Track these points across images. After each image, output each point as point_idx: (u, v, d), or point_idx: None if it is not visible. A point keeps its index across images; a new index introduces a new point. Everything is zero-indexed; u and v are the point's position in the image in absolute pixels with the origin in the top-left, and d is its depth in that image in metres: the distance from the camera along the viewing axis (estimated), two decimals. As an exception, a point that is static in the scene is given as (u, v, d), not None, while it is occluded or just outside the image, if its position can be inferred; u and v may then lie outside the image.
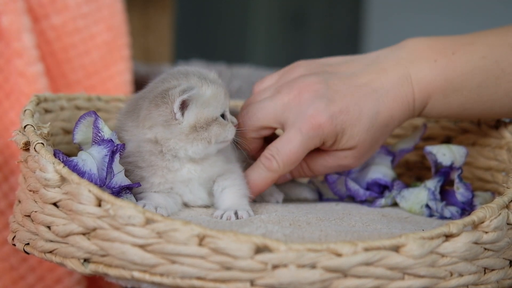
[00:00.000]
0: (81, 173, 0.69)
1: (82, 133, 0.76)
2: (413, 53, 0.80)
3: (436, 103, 0.80)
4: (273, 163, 0.78)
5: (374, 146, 0.81)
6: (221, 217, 0.72)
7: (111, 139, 0.73)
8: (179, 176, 0.75)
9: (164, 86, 0.74)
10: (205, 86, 0.74)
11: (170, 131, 0.73)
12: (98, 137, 0.74)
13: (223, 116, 0.76)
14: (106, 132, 0.74)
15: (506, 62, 0.78)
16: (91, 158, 0.71)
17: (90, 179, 0.69)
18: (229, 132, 0.76)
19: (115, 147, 0.72)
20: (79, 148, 0.77)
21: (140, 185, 0.75)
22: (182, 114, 0.73)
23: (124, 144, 0.74)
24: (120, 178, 0.72)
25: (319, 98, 0.77)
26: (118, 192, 0.72)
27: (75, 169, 0.69)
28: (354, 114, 0.77)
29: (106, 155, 0.71)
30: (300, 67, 0.82)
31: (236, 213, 0.72)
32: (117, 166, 0.72)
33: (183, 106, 0.73)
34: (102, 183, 0.70)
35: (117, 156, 0.73)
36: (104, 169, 0.71)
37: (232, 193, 0.76)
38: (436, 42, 0.81)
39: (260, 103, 0.80)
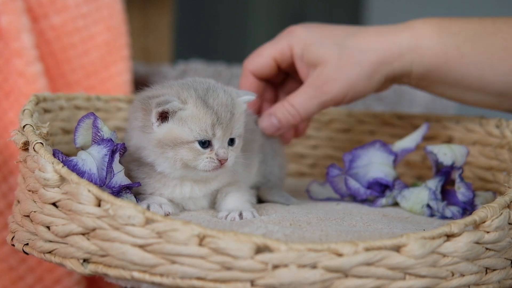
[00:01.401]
0: (80, 173, 0.69)
1: (83, 136, 0.76)
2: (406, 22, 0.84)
3: (430, 43, 0.80)
4: (244, 61, 0.87)
5: (346, 70, 0.81)
6: (226, 218, 0.72)
7: (111, 139, 0.73)
8: (177, 193, 0.74)
9: (152, 93, 0.73)
10: (188, 105, 0.70)
11: (146, 139, 0.72)
12: (98, 137, 0.74)
13: (204, 143, 0.71)
14: (106, 132, 0.74)
15: (501, 22, 0.81)
16: (91, 158, 0.71)
17: (90, 179, 0.69)
18: (202, 163, 0.70)
19: (115, 147, 0.72)
20: (77, 147, 0.77)
21: (140, 185, 0.75)
22: (158, 125, 0.71)
23: (124, 144, 0.74)
24: (120, 178, 0.72)
25: (303, 24, 0.85)
26: (118, 191, 0.72)
27: (74, 168, 0.69)
28: (328, 32, 0.83)
29: (106, 155, 0.71)
30: None
31: (240, 214, 0.71)
32: (117, 166, 0.72)
33: (162, 117, 0.70)
34: (102, 183, 0.70)
35: (117, 156, 0.72)
36: (104, 168, 0.70)
37: (235, 197, 0.75)
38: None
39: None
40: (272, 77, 0.89)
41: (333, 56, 0.81)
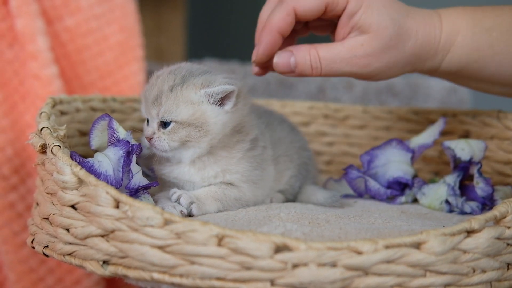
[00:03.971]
0: (97, 174, 0.69)
1: (98, 138, 0.76)
2: (440, 9, 0.81)
3: (464, 41, 0.78)
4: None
5: (390, 51, 0.77)
6: (171, 196, 0.74)
7: (127, 140, 0.73)
8: (176, 173, 0.77)
9: None
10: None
11: None
12: (114, 138, 0.74)
13: (148, 122, 0.76)
14: (121, 133, 0.74)
15: None
16: (107, 159, 0.71)
17: (106, 180, 0.69)
18: (143, 139, 0.76)
19: (131, 148, 0.72)
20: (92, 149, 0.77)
21: (158, 184, 0.75)
22: None
23: (139, 144, 0.74)
24: (138, 179, 0.72)
25: None
26: (136, 192, 0.72)
27: (91, 170, 0.69)
28: (386, 1, 0.77)
29: (122, 156, 0.71)
30: None
31: (178, 196, 0.72)
32: (135, 167, 0.72)
33: None
34: (118, 184, 0.70)
35: (133, 157, 0.72)
36: (120, 170, 0.71)
37: (210, 190, 0.75)
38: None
39: None
40: (304, 23, 0.82)
41: (386, 31, 0.76)
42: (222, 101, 0.74)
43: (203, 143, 0.74)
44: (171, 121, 0.73)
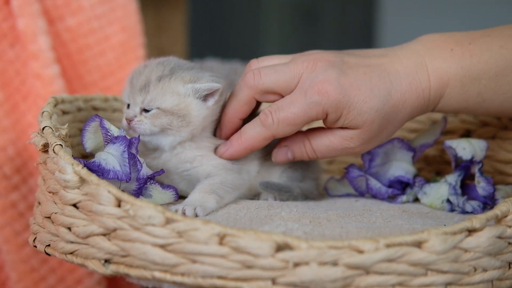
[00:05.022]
0: (106, 172, 0.70)
1: (92, 140, 0.77)
2: (428, 45, 0.79)
3: (453, 93, 0.78)
4: (269, 118, 0.76)
5: (382, 133, 0.78)
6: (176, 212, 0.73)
7: (124, 135, 0.74)
8: (156, 163, 0.80)
9: None
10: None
11: None
12: (109, 137, 0.74)
13: (128, 106, 0.79)
14: (115, 131, 0.75)
15: None
16: (111, 156, 0.71)
17: (116, 176, 0.70)
18: (123, 122, 0.79)
19: (130, 141, 0.73)
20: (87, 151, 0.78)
21: (164, 172, 0.77)
22: None
23: (139, 137, 0.75)
24: (145, 169, 0.73)
25: (332, 68, 0.75)
26: (144, 183, 0.73)
27: (99, 168, 0.70)
28: (365, 91, 0.75)
29: (124, 151, 0.72)
30: (316, 51, 0.81)
31: (183, 211, 0.71)
32: (139, 159, 0.73)
33: None
34: (128, 178, 0.71)
35: (134, 149, 0.73)
36: (126, 164, 0.71)
37: (199, 189, 0.76)
38: (451, 35, 0.79)
39: (275, 67, 0.78)
40: None
41: (373, 125, 0.76)
42: (205, 97, 0.78)
43: (184, 133, 0.78)
44: (151, 109, 0.77)
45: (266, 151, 0.82)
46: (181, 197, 0.78)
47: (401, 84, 0.76)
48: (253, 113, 0.82)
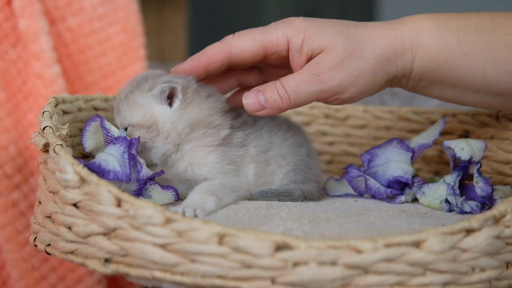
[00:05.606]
0: (106, 172, 0.70)
1: (91, 140, 0.77)
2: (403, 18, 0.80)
3: (431, 39, 0.77)
4: (229, 36, 0.79)
5: (351, 61, 0.76)
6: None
7: (124, 136, 0.74)
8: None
9: None
10: None
11: None
12: (109, 137, 0.75)
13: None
14: (115, 131, 0.76)
15: (501, 17, 0.77)
16: (112, 157, 0.72)
17: (116, 177, 0.71)
18: None
19: (130, 142, 0.73)
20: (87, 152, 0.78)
21: (164, 172, 0.77)
22: None
23: (139, 138, 0.76)
24: (145, 170, 0.74)
25: (301, 17, 0.79)
26: (145, 183, 0.73)
27: (99, 169, 0.70)
28: (328, 23, 0.77)
29: (124, 152, 0.72)
30: None
31: (183, 213, 0.71)
32: (139, 159, 0.74)
33: None
34: (128, 179, 0.71)
35: (135, 150, 0.74)
36: (126, 165, 0.72)
37: (197, 189, 0.76)
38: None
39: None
40: (243, 66, 0.83)
41: (338, 44, 0.76)
42: (170, 100, 0.78)
43: (158, 142, 0.78)
44: (127, 126, 0.78)
45: (264, 156, 0.82)
46: (181, 200, 0.79)
47: (369, 25, 0.78)
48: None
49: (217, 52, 0.79)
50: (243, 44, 0.78)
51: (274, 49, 0.78)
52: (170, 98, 0.78)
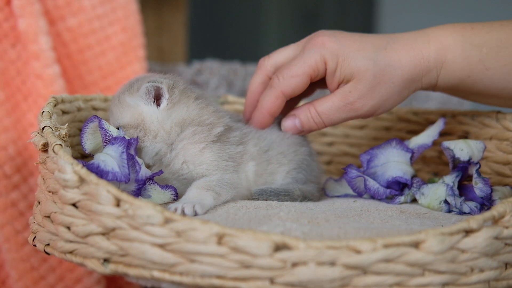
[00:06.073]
0: (105, 173, 0.70)
1: (91, 141, 0.77)
2: (427, 29, 0.83)
3: (455, 58, 0.80)
4: (275, 79, 0.82)
5: (381, 87, 0.81)
6: (175, 211, 0.72)
7: (123, 136, 0.74)
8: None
9: None
10: None
11: None
12: (108, 137, 0.75)
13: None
14: (113, 131, 0.76)
15: None
16: (110, 158, 0.72)
17: (115, 177, 0.70)
18: None
19: (129, 143, 0.73)
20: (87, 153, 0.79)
21: (163, 172, 0.77)
22: None
23: (137, 138, 0.76)
24: (144, 170, 0.74)
25: (328, 33, 0.83)
26: (144, 183, 0.73)
27: (98, 170, 0.70)
28: (359, 43, 0.81)
29: (123, 152, 0.72)
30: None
31: (182, 209, 0.71)
32: (138, 159, 0.74)
33: None
34: (127, 179, 0.71)
35: (133, 150, 0.74)
36: (125, 165, 0.72)
37: (195, 185, 0.76)
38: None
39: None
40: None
41: (368, 73, 0.80)
42: (157, 100, 0.79)
43: (147, 142, 0.79)
44: (119, 127, 0.79)
45: (265, 156, 0.83)
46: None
47: (396, 43, 0.81)
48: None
49: (273, 101, 0.84)
50: (292, 83, 0.83)
51: (316, 74, 0.83)
52: (158, 99, 0.79)
